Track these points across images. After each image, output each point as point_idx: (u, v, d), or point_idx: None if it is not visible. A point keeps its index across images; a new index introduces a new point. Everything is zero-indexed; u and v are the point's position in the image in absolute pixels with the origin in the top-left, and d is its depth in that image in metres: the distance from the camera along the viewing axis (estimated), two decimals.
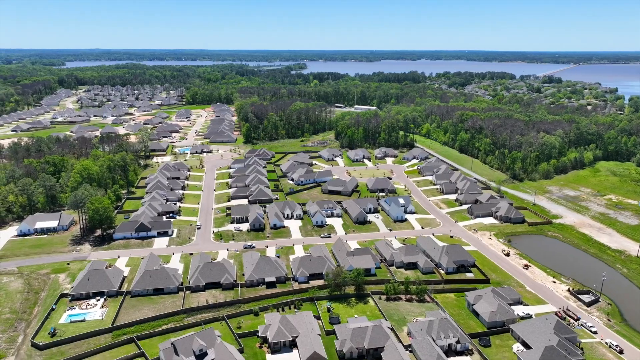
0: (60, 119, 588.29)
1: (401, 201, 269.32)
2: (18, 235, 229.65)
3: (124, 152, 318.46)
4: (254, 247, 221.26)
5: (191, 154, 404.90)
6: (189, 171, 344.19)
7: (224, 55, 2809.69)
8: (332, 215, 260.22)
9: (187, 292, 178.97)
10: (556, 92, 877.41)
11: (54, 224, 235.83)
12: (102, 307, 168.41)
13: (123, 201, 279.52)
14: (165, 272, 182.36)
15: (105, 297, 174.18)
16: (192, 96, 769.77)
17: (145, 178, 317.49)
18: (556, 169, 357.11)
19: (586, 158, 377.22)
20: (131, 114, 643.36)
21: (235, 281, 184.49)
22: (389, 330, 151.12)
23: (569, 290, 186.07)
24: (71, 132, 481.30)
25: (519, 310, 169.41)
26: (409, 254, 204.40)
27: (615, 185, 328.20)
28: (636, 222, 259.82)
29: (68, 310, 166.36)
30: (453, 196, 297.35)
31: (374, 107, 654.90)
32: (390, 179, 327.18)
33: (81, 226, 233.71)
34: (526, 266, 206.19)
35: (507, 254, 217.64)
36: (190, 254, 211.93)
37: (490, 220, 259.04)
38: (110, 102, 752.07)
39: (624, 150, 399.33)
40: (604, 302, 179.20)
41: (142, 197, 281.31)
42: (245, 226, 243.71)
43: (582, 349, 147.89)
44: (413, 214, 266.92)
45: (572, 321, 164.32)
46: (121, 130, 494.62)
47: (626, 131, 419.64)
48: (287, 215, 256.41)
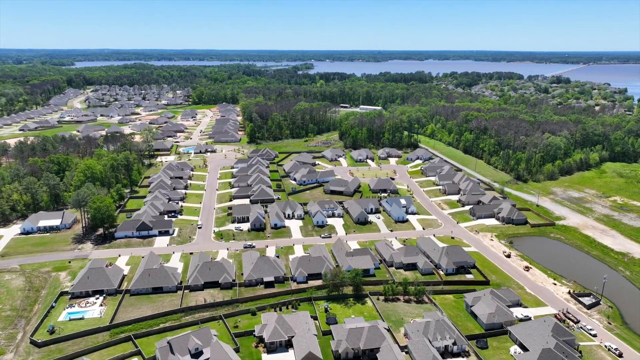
0: (67, 118, 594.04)
1: (403, 202, 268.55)
2: (21, 234, 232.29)
3: (128, 152, 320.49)
4: (254, 247, 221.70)
5: (195, 153, 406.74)
6: (192, 171, 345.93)
7: (231, 55, 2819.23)
8: (333, 216, 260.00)
9: (185, 291, 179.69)
10: (564, 92, 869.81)
11: (56, 222, 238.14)
12: (101, 305, 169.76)
13: (126, 200, 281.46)
14: (164, 271, 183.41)
15: (105, 295, 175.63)
16: (198, 96, 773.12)
17: (149, 177, 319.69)
18: (561, 170, 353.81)
19: (592, 159, 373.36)
20: (137, 113, 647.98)
21: (234, 280, 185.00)
22: (385, 331, 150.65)
23: (569, 293, 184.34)
24: (77, 131, 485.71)
25: (518, 312, 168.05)
26: (409, 254, 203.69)
27: (620, 186, 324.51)
28: None
29: (67, 308, 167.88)
30: (456, 197, 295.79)
31: (379, 107, 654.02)
32: (393, 179, 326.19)
33: (83, 225, 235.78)
34: (527, 268, 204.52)
35: (508, 256, 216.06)
36: (191, 253, 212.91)
37: (492, 222, 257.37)
38: (117, 102, 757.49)
39: (631, 152, 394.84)
40: (604, 305, 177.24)
41: (145, 197, 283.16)
42: (246, 226, 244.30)
43: (580, 352, 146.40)
44: (414, 214, 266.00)
45: (571, 324, 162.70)
46: (127, 129, 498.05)
47: (633, 132, 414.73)
48: (288, 215, 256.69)
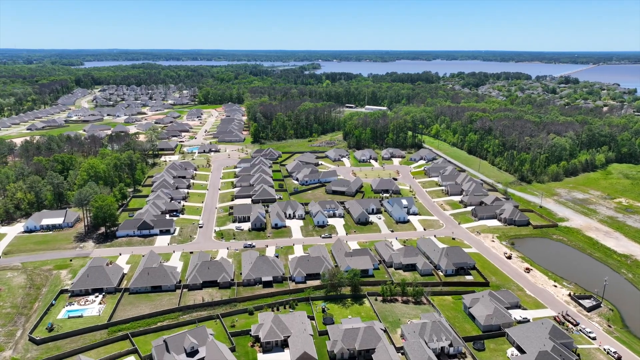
0: (74, 117, 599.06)
1: (404, 202, 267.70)
2: (25, 232, 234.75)
3: (131, 151, 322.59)
4: (254, 247, 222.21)
5: (199, 153, 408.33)
6: (195, 170, 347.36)
7: (239, 55, 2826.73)
8: (334, 216, 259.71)
9: (184, 290, 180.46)
10: (572, 92, 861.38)
11: (59, 221, 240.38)
12: (100, 303, 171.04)
13: (129, 199, 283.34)
14: (163, 270, 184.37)
15: (104, 293, 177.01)
16: (204, 96, 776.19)
17: (152, 177, 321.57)
18: (566, 171, 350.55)
19: (597, 160, 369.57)
20: (144, 113, 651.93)
21: (233, 280, 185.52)
22: (381, 331, 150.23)
23: (570, 295, 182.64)
24: (84, 130, 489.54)
25: (517, 314, 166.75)
26: (408, 255, 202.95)
27: (626, 188, 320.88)
28: None
29: (67, 306, 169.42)
30: (458, 198, 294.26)
31: (384, 108, 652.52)
32: (395, 179, 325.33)
33: (85, 223, 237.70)
34: (527, 269, 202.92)
35: (509, 257, 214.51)
36: (191, 252, 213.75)
37: (494, 223, 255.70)
38: (124, 102, 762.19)
39: (638, 153, 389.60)
40: (605, 308, 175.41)
41: (147, 196, 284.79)
42: (246, 225, 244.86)
43: (578, 355, 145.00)
44: (416, 215, 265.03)
45: (570, 326, 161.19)
46: (132, 129, 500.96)
47: None
48: (289, 215, 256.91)
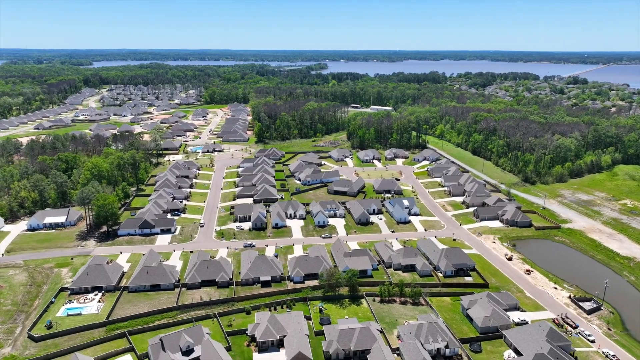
0: (81, 117, 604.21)
1: (405, 203, 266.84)
2: (28, 230, 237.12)
3: (134, 150, 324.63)
4: (254, 246, 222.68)
5: (203, 152, 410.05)
6: (198, 170, 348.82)
7: (246, 55, 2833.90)
8: (334, 216, 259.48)
9: (183, 289, 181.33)
10: (580, 93, 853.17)
11: (62, 219, 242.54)
12: (100, 301, 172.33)
13: (131, 198, 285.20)
14: (162, 268, 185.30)
15: (103, 291, 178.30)
16: (210, 95, 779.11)
17: (155, 176, 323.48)
18: (571, 173, 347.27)
19: (603, 161, 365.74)
20: (150, 112, 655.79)
21: (231, 279, 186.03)
22: (377, 332, 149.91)
23: (570, 297, 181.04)
24: (90, 130, 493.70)
25: (515, 316, 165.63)
26: (407, 256, 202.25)
27: (632, 189, 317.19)
28: None
29: (67, 303, 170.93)
30: (460, 198, 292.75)
31: (389, 108, 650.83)
32: (398, 180, 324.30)
33: (87, 222, 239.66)
34: (528, 271, 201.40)
35: (510, 259, 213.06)
36: (190, 251, 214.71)
37: (496, 224, 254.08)
38: (130, 101, 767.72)
39: None
40: (606, 310, 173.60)
41: (150, 195, 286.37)
42: (247, 225, 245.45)
43: (576, 357, 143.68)
44: (417, 215, 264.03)
45: (569, 329, 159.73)
46: (138, 128, 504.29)
47: None
48: (290, 215, 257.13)
